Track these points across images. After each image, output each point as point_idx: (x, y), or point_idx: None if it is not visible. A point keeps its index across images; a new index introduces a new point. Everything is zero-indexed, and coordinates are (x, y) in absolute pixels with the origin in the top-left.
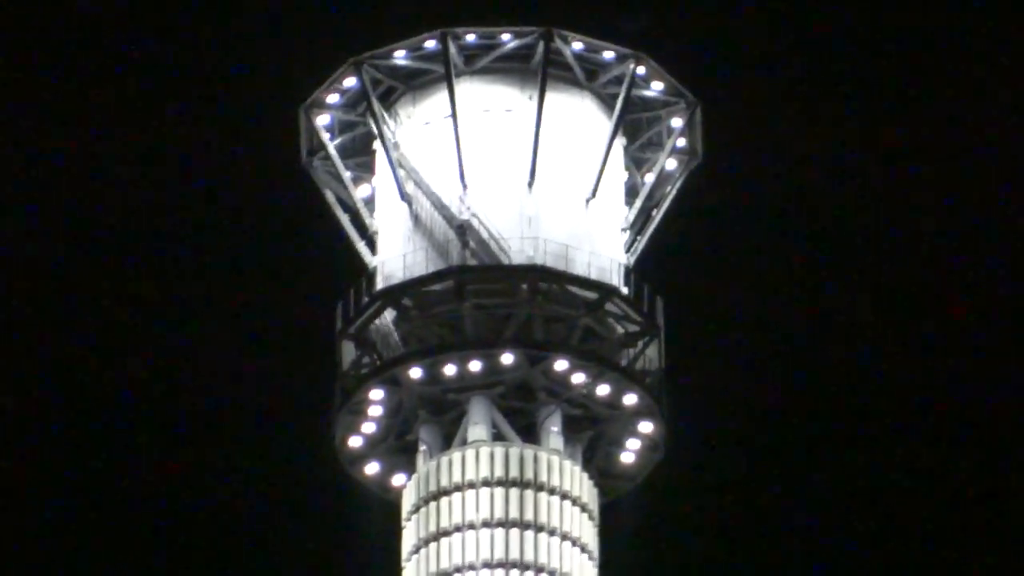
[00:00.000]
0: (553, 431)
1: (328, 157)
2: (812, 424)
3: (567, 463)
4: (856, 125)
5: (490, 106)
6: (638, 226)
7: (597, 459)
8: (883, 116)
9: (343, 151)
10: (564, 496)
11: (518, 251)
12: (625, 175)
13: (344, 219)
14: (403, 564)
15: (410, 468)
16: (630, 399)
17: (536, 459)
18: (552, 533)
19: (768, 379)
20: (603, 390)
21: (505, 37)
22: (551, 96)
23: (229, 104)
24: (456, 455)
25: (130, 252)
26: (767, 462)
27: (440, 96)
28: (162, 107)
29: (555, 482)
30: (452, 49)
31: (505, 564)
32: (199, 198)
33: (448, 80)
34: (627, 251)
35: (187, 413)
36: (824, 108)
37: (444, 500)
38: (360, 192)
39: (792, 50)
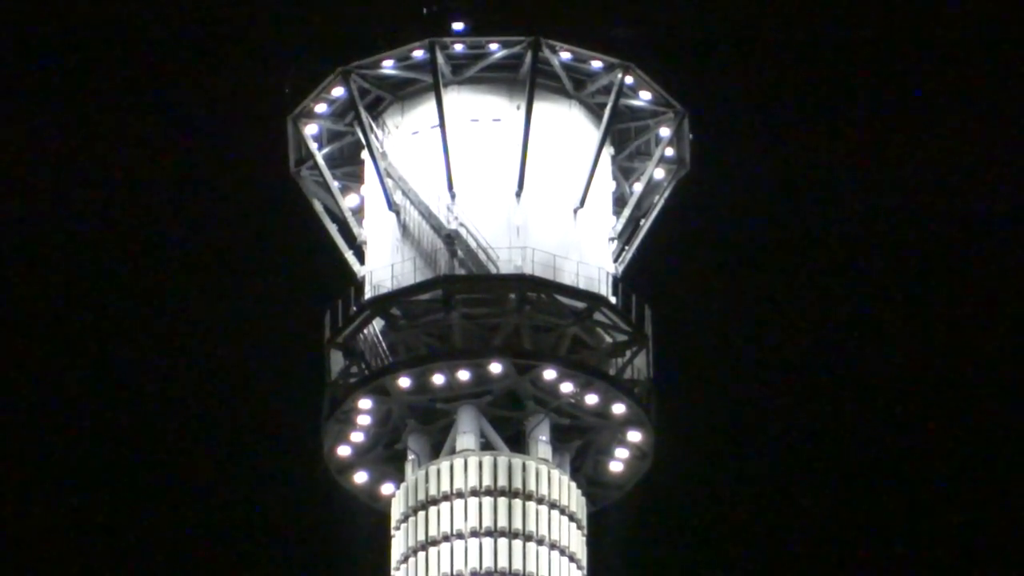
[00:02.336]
0: (541, 440)
1: (316, 167)
2: (800, 432)
3: (555, 472)
4: (844, 135)
5: (478, 115)
6: (626, 236)
7: (585, 468)
8: (871, 125)
9: (331, 161)
10: (552, 505)
11: (506, 261)
12: (613, 185)
13: (332, 229)
14: (392, 573)
15: (399, 477)
16: (618, 408)
17: (524, 468)
18: (540, 542)
19: (756, 388)
20: (591, 399)
21: (493, 47)
22: (539, 105)
23: (218, 114)
24: (445, 464)
25: (118, 260)
26: (755, 470)
27: (428, 105)
28: (149, 118)
29: (543, 491)
30: (440, 59)
31: (493, 573)
32: (188, 207)
33: (436, 89)
34: (615, 260)
35: (176, 422)
36: (812, 118)
37: (433, 509)
38: (348, 202)
39: (780, 60)
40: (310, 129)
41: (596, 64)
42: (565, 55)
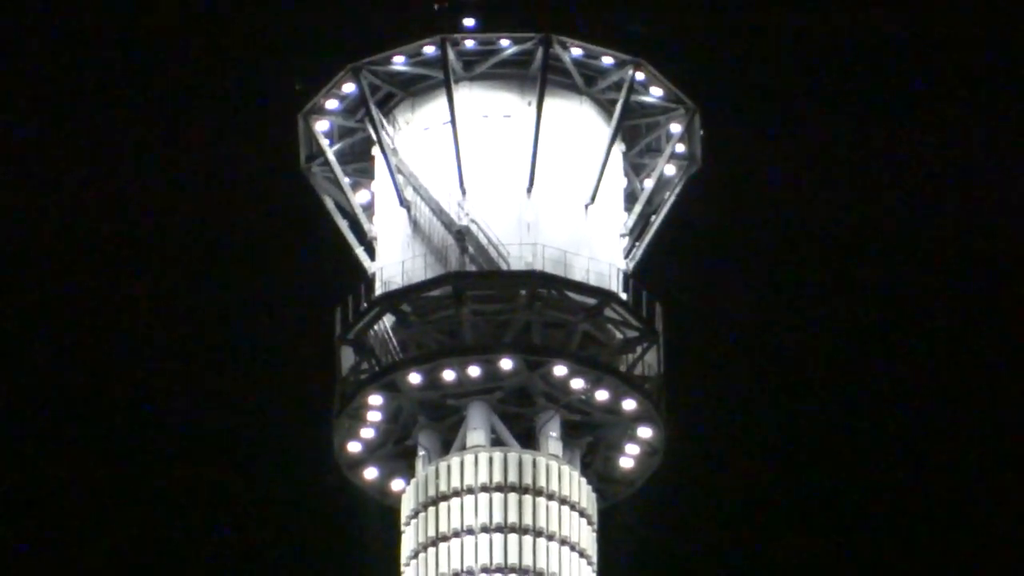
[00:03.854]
0: (552, 436)
1: (327, 163)
2: (810, 429)
3: (566, 468)
4: (854, 131)
5: (489, 112)
6: (637, 232)
7: (596, 464)
8: (881, 121)
9: (342, 157)
10: (563, 501)
11: (517, 257)
12: (624, 181)
13: (343, 225)
14: (402, 569)
15: (409, 473)
16: (629, 404)
17: (535, 464)
18: (551, 538)
19: (766, 384)
20: (602, 395)
21: (504, 43)
22: (550, 102)
23: (228, 110)
24: (455, 460)
25: (128, 258)
26: (765, 467)
27: (439, 102)
28: (161, 114)
29: (554, 487)
30: (451, 55)
31: (504, 569)
32: (198, 204)
33: (447, 86)
34: (626, 257)
35: (186, 419)
36: (822, 114)
37: (443, 505)
38: (359, 198)
39: (790, 56)
40: (321, 125)
41: (607, 60)
42: (576, 51)
